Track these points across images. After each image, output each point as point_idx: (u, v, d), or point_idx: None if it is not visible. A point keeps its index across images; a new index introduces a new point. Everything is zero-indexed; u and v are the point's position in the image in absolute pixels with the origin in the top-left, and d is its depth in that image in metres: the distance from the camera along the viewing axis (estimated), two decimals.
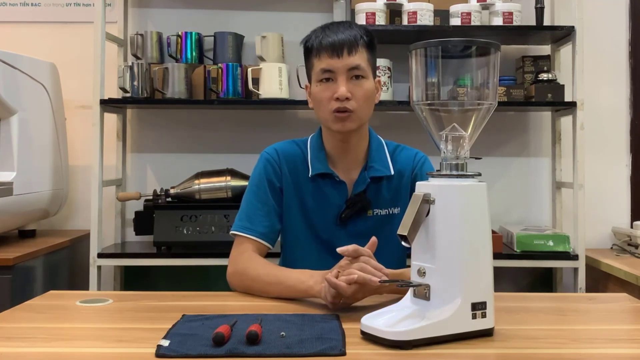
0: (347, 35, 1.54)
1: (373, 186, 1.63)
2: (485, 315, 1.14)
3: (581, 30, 2.50)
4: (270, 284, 1.47)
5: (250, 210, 1.63)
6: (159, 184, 2.77)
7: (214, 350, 1.05)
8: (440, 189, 1.14)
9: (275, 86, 2.53)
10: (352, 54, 1.54)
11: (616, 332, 1.26)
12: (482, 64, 1.21)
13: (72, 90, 2.74)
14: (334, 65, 1.53)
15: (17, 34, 2.82)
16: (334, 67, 1.54)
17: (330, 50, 1.53)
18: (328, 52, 1.54)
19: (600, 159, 2.81)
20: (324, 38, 1.55)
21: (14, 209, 2.33)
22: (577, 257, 2.44)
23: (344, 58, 1.53)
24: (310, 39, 1.60)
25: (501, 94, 2.57)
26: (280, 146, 1.69)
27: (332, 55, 1.53)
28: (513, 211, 2.85)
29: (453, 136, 1.17)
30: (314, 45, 1.57)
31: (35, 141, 2.44)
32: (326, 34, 1.56)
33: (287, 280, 1.45)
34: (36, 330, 1.22)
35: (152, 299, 1.48)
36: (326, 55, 1.54)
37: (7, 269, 2.11)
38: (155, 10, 2.84)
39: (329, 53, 1.54)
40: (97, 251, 2.45)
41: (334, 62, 1.53)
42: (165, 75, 2.54)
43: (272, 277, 1.48)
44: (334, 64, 1.53)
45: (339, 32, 1.55)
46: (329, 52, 1.53)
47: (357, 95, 1.54)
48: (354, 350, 1.07)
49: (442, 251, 1.13)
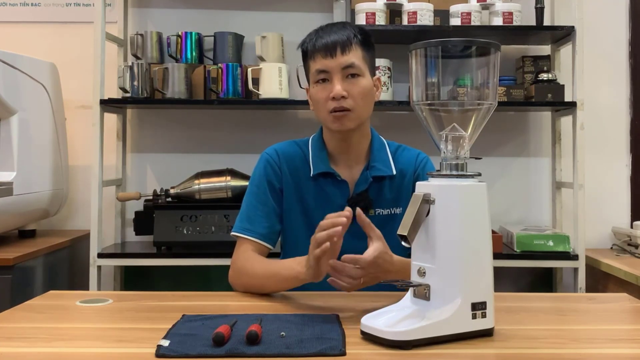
0: (340, 35, 1.56)
1: (375, 186, 1.63)
2: (485, 315, 1.14)
3: (581, 30, 2.50)
4: (267, 278, 1.49)
5: (250, 211, 1.63)
6: (159, 184, 2.77)
7: (213, 350, 1.05)
8: (440, 189, 1.14)
9: (275, 86, 2.53)
10: (346, 52, 1.54)
11: (616, 332, 1.26)
12: (482, 64, 1.21)
13: (72, 90, 2.74)
14: (328, 65, 1.55)
15: (17, 34, 2.82)
16: (328, 67, 1.55)
17: (323, 51, 1.55)
18: (322, 53, 1.55)
19: (600, 159, 2.81)
20: (318, 40, 1.57)
21: (14, 209, 2.33)
22: (577, 257, 2.44)
23: (338, 57, 1.54)
24: (305, 42, 1.62)
25: (501, 94, 2.57)
26: (280, 147, 1.69)
27: (326, 56, 1.55)
28: (513, 211, 2.85)
29: (453, 136, 1.17)
30: (309, 47, 1.59)
31: (35, 141, 2.44)
32: (320, 36, 1.58)
33: (279, 271, 1.47)
34: (36, 330, 1.21)
35: (152, 299, 1.48)
36: (320, 56, 1.56)
37: (7, 269, 2.11)
38: (155, 10, 2.84)
39: (323, 54, 1.55)
40: (97, 251, 2.45)
41: (327, 62, 1.55)
42: (165, 75, 2.54)
43: (267, 271, 1.50)
44: (327, 63, 1.55)
45: (332, 33, 1.57)
46: (323, 52, 1.55)
47: (354, 93, 1.55)
48: (354, 350, 1.07)
49: (442, 251, 1.13)
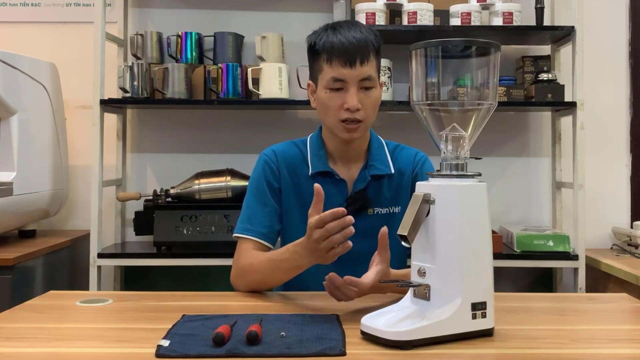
0: (360, 43, 1.51)
1: (374, 185, 1.63)
2: (485, 315, 1.14)
3: (581, 30, 2.50)
4: (266, 269, 1.49)
5: (250, 212, 1.63)
6: (159, 184, 2.77)
7: (213, 350, 1.05)
8: (440, 189, 1.14)
9: (275, 86, 2.53)
10: (365, 63, 1.51)
11: (616, 332, 1.26)
12: (482, 64, 1.21)
13: (72, 90, 2.74)
14: (347, 75, 1.50)
15: (17, 34, 2.82)
16: (346, 77, 1.51)
17: (343, 59, 1.50)
18: (341, 60, 1.50)
19: (600, 159, 2.80)
20: (336, 43, 1.51)
21: (14, 209, 2.33)
22: (577, 257, 2.44)
23: (357, 68, 1.50)
24: (319, 39, 1.55)
25: (501, 94, 2.57)
26: (278, 147, 1.69)
27: (345, 65, 1.50)
28: (513, 211, 2.85)
29: (453, 136, 1.17)
30: (325, 47, 1.53)
31: (35, 141, 2.44)
32: (338, 39, 1.52)
33: (276, 257, 1.46)
34: (36, 330, 1.21)
35: (152, 299, 1.48)
36: (338, 63, 1.51)
37: (7, 269, 2.11)
38: (155, 10, 2.84)
39: (342, 62, 1.50)
40: (97, 251, 2.45)
41: (346, 73, 1.50)
42: (165, 75, 2.54)
43: (266, 262, 1.50)
44: (346, 74, 1.50)
45: (350, 37, 1.51)
46: (342, 60, 1.50)
47: (367, 105, 1.53)
48: (354, 350, 1.07)
49: (442, 251, 1.13)
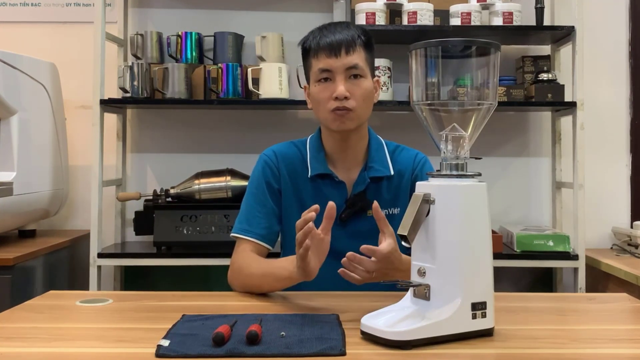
0: (345, 35, 1.55)
1: (373, 186, 1.63)
2: (485, 315, 1.14)
3: (581, 30, 2.50)
4: (263, 277, 1.49)
5: (249, 212, 1.64)
6: (159, 184, 2.77)
7: (213, 350, 1.05)
8: (440, 189, 1.14)
9: (275, 86, 2.53)
10: (350, 53, 1.54)
11: (616, 332, 1.26)
12: (482, 64, 1.21)
13: (72, 90, 2.74)
14: (332, 64, 1.54)
15: (17, 34, 2.82)
16: (332, 67, 1.54)
17: (328, 50, 1.54)
18: (326, 51, 1.54)
19: (600, 159, 2.80)
20: (322, 38, 1.56)
21: (14, 209, 2.33)
22: (577, 257, 2.44)
23: (342, 57, 1.54)
24: (307, 39, 1.61)
25: (501, 94, 2.57)
26: (278, 148, 1.69)
27: (330, 55, 1.54)
28: (513, 211, 2.84)
29: (453, 136, 1.17)
30: (312, 45, 1.58)
31: (35, 141, 2.44)
32: (324, 34, 1.57)
33: (274, 270, 1.46)
34: (36, 330, 1.22)
35: (152, 299, 1.48)
36: (324, 55, 1.55)
37: (7, 269, 2.11)
38: (155, 10, 2.84)
39: (327, 53, 1.54)
40: (97, 251, 2.45)
41: (332, 62, 1.54)
42: (165, 75, 2.54)
43: (263, 271, 1.50)
44: (332, 63, 1.54)
45: (337, 32, 1.56)
46: (327, 51, 1.54)
47: (356, 94, 1.55)
48: (354, 350, 1.07)
49: (442, 251, 1.13)
